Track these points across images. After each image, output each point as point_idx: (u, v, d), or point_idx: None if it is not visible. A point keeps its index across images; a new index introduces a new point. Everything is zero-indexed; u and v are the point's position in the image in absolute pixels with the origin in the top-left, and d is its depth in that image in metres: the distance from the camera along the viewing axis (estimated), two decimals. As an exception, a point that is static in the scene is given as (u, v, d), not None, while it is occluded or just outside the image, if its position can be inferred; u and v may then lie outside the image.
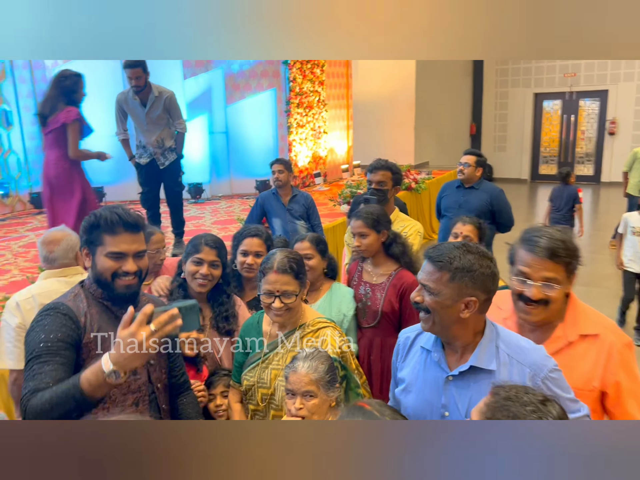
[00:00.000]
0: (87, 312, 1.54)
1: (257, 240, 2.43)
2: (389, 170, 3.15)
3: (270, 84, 8.27)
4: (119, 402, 1.56)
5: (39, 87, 7.54)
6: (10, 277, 4.21)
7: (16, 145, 7.28)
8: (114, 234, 1.52)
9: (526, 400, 1.12)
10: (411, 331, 1.66)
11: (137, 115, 4.55)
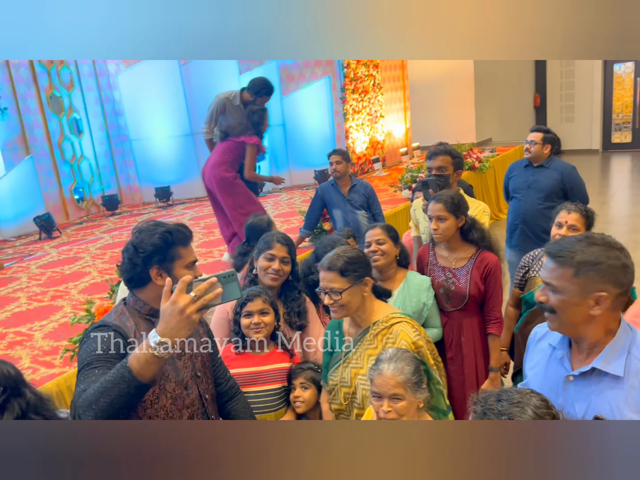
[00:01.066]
0: (136, 330, 1.54)
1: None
2: (449, 154, 3.05)
3: (324, 72, 8.22)
4: (175, 417, 1.58)
5: (105, 94, 7.88)
6: (90, 279, 4.45)
7: (87, 151, 7.66)
8: (185, 247, 1.57)
9: (500, 410, 1.14)
10: (542, 327, 1.57)
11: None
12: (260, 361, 2.12)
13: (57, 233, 6.43)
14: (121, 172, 8.20)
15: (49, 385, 2.63)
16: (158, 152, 8.03)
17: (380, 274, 2.48)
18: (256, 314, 2.10)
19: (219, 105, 4.70)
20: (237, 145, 4.13)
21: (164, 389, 1.54)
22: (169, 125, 7.95)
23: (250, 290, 2.18)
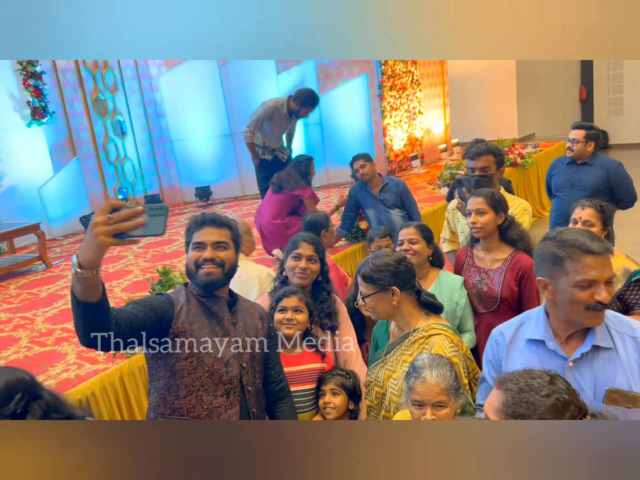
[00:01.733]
0: (184, 304, 1.69)
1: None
2: (491, 153, 2.97)
3: (362, 69, 8.19)
4: (210, 391, 1.68)
5: (147, 96, 8.07)
6: (132, 277, 4.58)
7: (130, 153, 7.87)
8: (198, 229, 1.72)
9: (537, 387, 1.15)
10: (506, 327, 1.65)
11: (280, 127, 5.05)
12: (294, 361, 2.15)
13: (102, 232, 6.64)
14: (163, 172, 8.39)
15: (93, 381, 2.72)
16: (198, 152, 8.18)
17: None
18: (290, 310, 2.14)
19: (267, 112, 4.88)
20: (292, 198, 4.36)
21: (202, 361, 1.66)
22: (209, 125, 8.08)
23: (287, 287, 2.23)
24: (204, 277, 1.68)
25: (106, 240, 1.23)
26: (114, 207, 1.26)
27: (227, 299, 1.80)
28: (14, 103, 6.40)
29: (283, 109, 4.87)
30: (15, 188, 6.46)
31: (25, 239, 6.02)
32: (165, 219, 1.27)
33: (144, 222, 1.24)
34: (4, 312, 4.05)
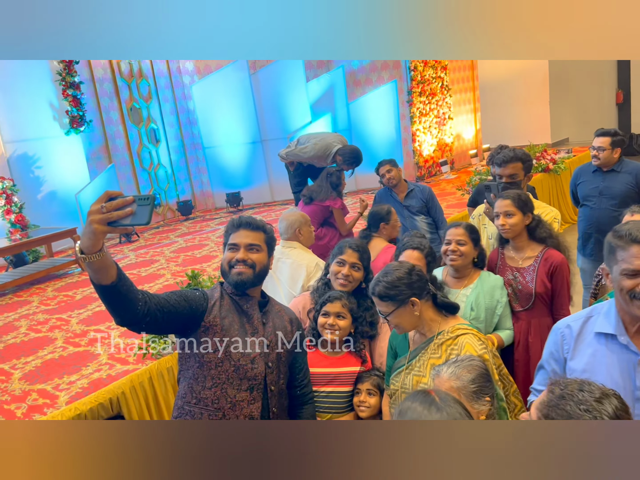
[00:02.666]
0: (218, 300, 1.79)
1: (417, 253, 2.42)
2: (520, 160, 2.95)
3: (391, 75, 8.21)
4: (235, 384, 1.75)
5: (180, 104, 8.28)
6: (164, 281, 4.71)
7: (164, 159, 8.07)
8: (234, 231, 1.82)
9: (581, 399, 1.11)
10: (573, 320, 1.63)
11: (322, 165, 5.18)
12: (334, 363, 2.18)
13: (135, 237, 6.82)
14: (195, 179, 8.57)
15: (124, 381, 2.81)
16: (229, 159, 8.34)
17: (454, 271, 2.50)
18: (333, 315, 2.17)
19: (312, 157, 5.02)
20: (323, 209, 4.38)
21: (229, 356, 1.74)
22: (240, 133, 8.23)
23: (332, 292, 2.26)
24: (235, 276, 1.76)
25: (99, 227, 1.28)
26: (110, 196, 1.31)
27: (259, 299, 1.88)
28: (53, 112, 6.66)
29: (328, 159, 5.02)
30: (54, 194, 6.71)
31: (62, 243, 6.24)
32: (151, 209, 1.30)
33: (133, 212, 1.29)
34: (42, 314, 4.22)
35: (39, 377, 3.05)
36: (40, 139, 6.57)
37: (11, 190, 6.08)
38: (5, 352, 3.50)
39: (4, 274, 5.34)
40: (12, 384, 3.01)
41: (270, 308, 1.89)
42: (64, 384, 2.92)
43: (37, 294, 4.84)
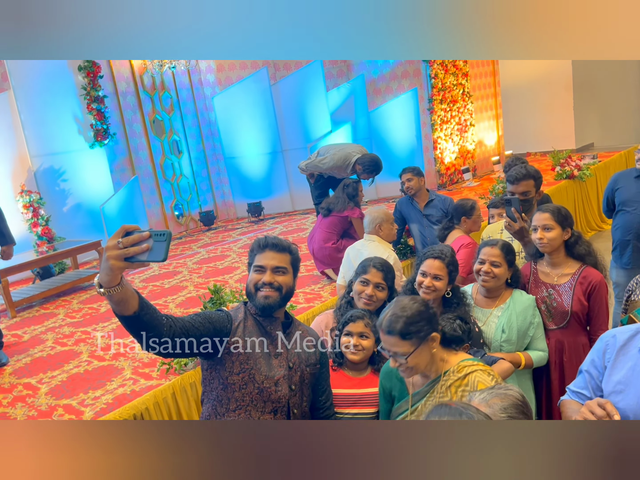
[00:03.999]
0: (242, 321, 1.79)
1: (439, 262, 2.34)
2: (532, 178, 2.94)
3: (412, 83, 8.17)
4: (259, 407, 1.74)
5: (202, 116, 8.36)
6: (186, 293, 4.73)
7: (186, 170, 8.16)
8: (260, 252, 1.81)
9: None
10: (621, 332, 1.58)
11: (342, 175, 5.17)
12: (359, 384, 2.14)
13: (158, 248, 6.89)
14: (217, 189, 8.64)
15: (147, 397, 2.83)
16: (250, 169, 8.39)
17: (486, 291, 2.45)
18: (355, 335, 2.13)
19: (331, 167, 5.03)
20: (341, 220, 4.42)
21: (253, 378, 1.73)
22: (260, 143, 8.27)
23: (354, 311, 2.22)
24: (262, 299, 1.76)
25: (116, 264, 1.28)
26: (126, 230, 1.31)
27: (283, 320, 1.87)
28: (78, 126, 6.79)
29: (348, 169, 5.01)
30: (80, 206, 6.83)
31: (87, 255, 6.34)
32: (167, 245, 1.29)
33: (149, 247, 1.28)
34: (67, 327, 4.28)
35: (65, 392, 3.08)
36: (66, 153, 6.69)
37: (38, 203, 6.21)
38: (33, 366, 3.55)
39: (32, 287, 5.44)
40: (39, 399, 3.05)
41: (293, 329, 1.88)
42: (89, 399, 2.95)
43: (63, 306, 4.91)
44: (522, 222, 2.63)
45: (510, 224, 2.65)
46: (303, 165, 5.30)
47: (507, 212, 2.71)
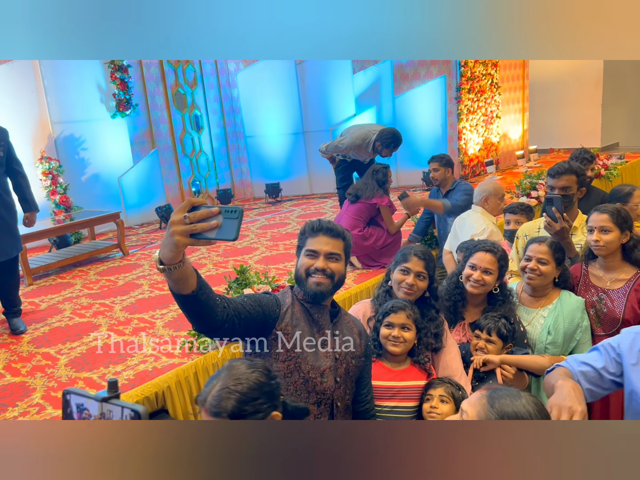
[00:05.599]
0: (290, 307, 1.71)
1: (490, 256, 2.27)
2: (574, 174, 2.80)
3: (440, 71, 7.99)
4: (302, 397, 1.67)
5: (224, 92, 8.22)
6: (205, 271, 4.66)
7: (205, 147, 8.04)
8: (313, 236, 1.72)
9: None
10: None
11: (363, 155, 5.23)
12: (398, 376, 2.06)
13: (175, 223, 6.82)
14: (235, 167, 8.53)
15: (169, 375, 2.76)
16: (270, 149, 8.26)
17: (532, 290, 2.35)
18: (397, 327, 2.05)
19: (351, 147, 4.85)
20: (369, 207, 4.30)
21: (299, 367, 1.67)
22: (282, 123, 8.14)
23: (396, 301, 2.13)
24: (314, 286, 1.67)
25: (181, 240, 1.20)
26: (193, 204, 1.23)
27: (330, 308, 1.78)
28: (101, 95, 6.68)
29: (368, 148, 4.83)
30: (98, 176, 6.75)
31: (105, 226, 6.27)
32: (239, 223, 1.21)
33: (219, 224, 1.20)
34: (85, 298, 4.23)
35: (85, 364, 3.03)
36: (87, 121, 6.59)
37: (57, 171, 6.13)
38: (51, 336, 3.50)
39: (48, 255, 5.38)
40: (59, 370, 3.00)
41: (340, 319, 1.79)
42: (109, 374, 2.89)
43: (79, 276, 4.86)
44: (564, 223, 2.51)
45: (551, 224, 2.52)
46: (323, 148, 5.16)
47: (548, 212, 2.57)
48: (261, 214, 7.17)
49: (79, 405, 0.83)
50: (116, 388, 0.85)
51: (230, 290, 3.28)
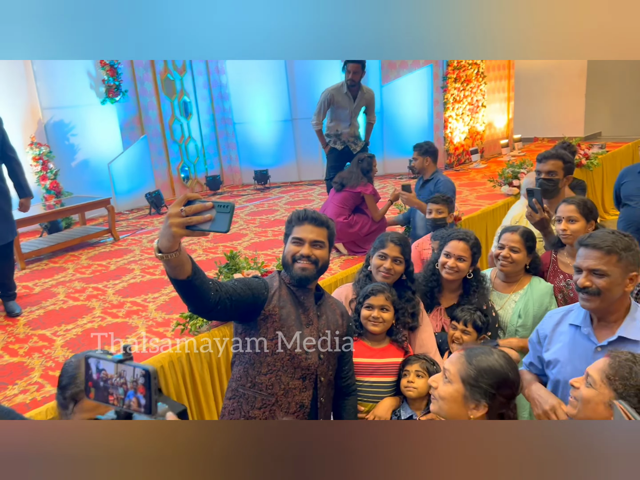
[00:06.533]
0: (277, 290, 1.86)
1: (463, 244, 2.43)
2: (560, 159, 2.95)
3: (427, 60, 8.09)
4: (289, 372, 1.83)
5: (213, 78, 8.26)
6: (196, 256, 4.78)
7: (194, 133, 8.10)
8: (299, 225, 1.86)
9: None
10: (556, 313, 1.92)
11: (344, 108, 5.21)
12: (378, 354, 2.23)
13: (164, 209, 6.90)
14: (224, 154, 8.60)
15: (163, 356, 2.90)
16: (259, 136, 8.34)
17: (504, 276, 2.51)
18: (377, 308, 2.21)
19: (327, 97, 4.99)
20: (354, 195, 4.41)
21: (284, 345, 1.81)
22: (271, 110, 8.21)
23: (375, 284, 2.29)
24: (299, 271, 1.82)
25: (178, 231, 1.32)
26: (189, 199, 1.35)
27: (314, 291, 1.93)
28: (90, 81, 6.71)
29: (343, 89, 5.02)
30: (87, 162, 6.80)
31: (95, 211, 6.35)
32: (231, 217, 1.32)
33: (212, 218, 1.32)
34: (78, 282, 4.34)
35: (80, 345, 3.16)
36: (77, 107, 6.63)
37: (47, 156, 6.19)
38: (46, 318, 3.61)
39: (40, 240, 5.47)
40: (55, 350, 3.12)
41: (324, 301, 1.94)
42: (105, 354, 3.02)
43: (71, 261, 4.96)
44: (543, 214, 2.67)
45: (532, 215, 2.69)
46: (313, 117, 5.35)
47: (529, 202, 2.75)
48: (250, 200, 7.28)
49: (98, 366, 0.97)
50: (129, 352, 0.99)
51: (221, 275, 3.41)
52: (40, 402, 2.60)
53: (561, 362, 1.80)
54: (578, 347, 1.77)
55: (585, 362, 1.69)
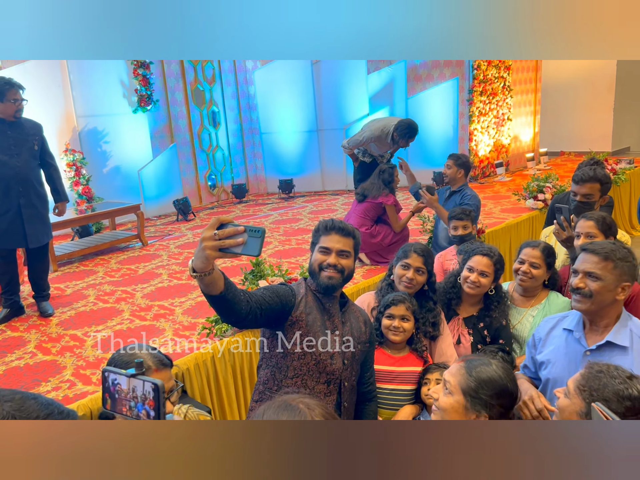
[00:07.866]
0: (304, 297, 1.92)
1: (487, 259, 2.46)
2: (598, 182, 2.93)
3: (453, 73, 8.13)
4: (314, 377, 1.89)
5: (241, 89, 8.44)
6: (221, 262, 4.88)
7: (222, 142, 8.27)
8: (326, 234, 1.92)
9: (615, 374, 1.34)
10: (552, 318, 2.00)
11: (384, 147, 5.29)
12: (398, 362, 2.29)
13: (192, 216, 7.06)
14: (250, 163, 8.76)
15: (189, 358, 2.99)
16: (285, 146, 8.47)
17: (523, 290, 2.54)
18: (397, 318, 2.27)
19: (371, 139, 5.05)
20: (375, 206, 4.46)
21: (310, 349, 1.88)
22: (297, 120, 8.34)
23: (396, 294, 2.35)
24: (326, 280, 1.88)
25: (212, 254, 1.39)
26: (221, 222, 1.41)
27: (339, 299, 2.00)
28: (123, 90, 6.93)
29: (387, 138, 5.03)
30: (119, 169, 7.01)
31: (125, 217, 6.53)
32: (262, 241, 1.38)
33: (244, 242, 1.38)
34: (107, 285, 4.47)
35: (110, 346, 3.27)
36: (110, 115, 6.85)
37: (81, 163, 6.40)
38: (77, 319, 3.75)
39: (71, 243, 5.65)
40: (86, 350, 3.24)
41: (348, 309, 2.01)
42: (133, 355, 3.12)
43: (101, 264, 5.12)
44: (571, 231, 2.68)
45: (559, 232, 2.71)
46: (345, 143, 5.37)
47: (557, 220, 2.77)
48: (274, 209, 7.39)
49: (113, 380, 1.07)
50: (141, 367, 1.09)
51: (246, 282, 3.50)
52: (72, 399, 2.70)
53: (552, 363, 1.88)
54: (569, 350, 1.85)
55: (574, 364, 1.79)
